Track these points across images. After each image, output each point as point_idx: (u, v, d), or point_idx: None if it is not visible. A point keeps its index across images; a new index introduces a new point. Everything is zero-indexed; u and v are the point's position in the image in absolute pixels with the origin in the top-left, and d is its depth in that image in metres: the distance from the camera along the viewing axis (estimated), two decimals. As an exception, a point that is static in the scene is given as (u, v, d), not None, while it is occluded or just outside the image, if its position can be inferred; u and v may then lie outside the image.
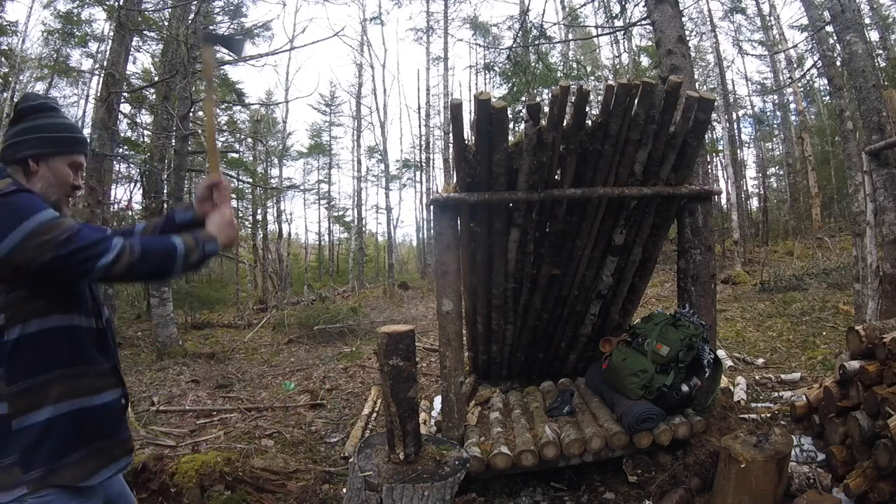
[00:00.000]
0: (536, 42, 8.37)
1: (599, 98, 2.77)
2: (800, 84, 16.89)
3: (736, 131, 17.50)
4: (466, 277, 3.34)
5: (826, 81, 10.27)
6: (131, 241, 1.23)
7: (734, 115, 17.23)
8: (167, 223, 1.61)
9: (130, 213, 11.18)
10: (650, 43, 13.68)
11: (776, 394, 4.20)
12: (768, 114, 20.63)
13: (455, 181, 2.95)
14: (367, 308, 10.97)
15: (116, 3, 7.02)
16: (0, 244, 1.12)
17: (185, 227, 1.58)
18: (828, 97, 15.15)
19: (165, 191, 8.45)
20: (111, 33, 8.88)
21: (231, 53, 1.64)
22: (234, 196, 17.09)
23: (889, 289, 4.22)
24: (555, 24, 14.82)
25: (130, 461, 1.42)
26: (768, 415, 3.61)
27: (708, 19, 16.19)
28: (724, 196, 15.84)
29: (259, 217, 18.71)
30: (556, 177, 2.87)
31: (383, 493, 1.85)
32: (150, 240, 1.31)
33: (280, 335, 9.02)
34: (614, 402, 3.03)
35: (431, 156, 22.09)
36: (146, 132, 10.98)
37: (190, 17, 7.91)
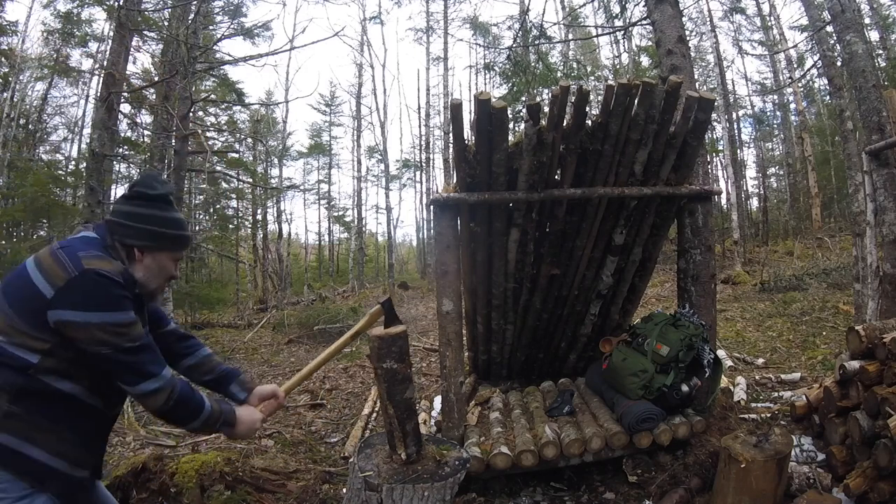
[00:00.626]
0: (536, 42, 8.37)
1: (599, 98, 2.77)
2: (800, 84, 16.89)
3: (736, 131, 17.51)
4: (466, 277, 3.34)
5: (826, 81, 10.27)
6: (175, 386, 1.33)
7: (734, 115, 17.24)
8: (220, 380, 1.71)
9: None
10: (650, 43, 13.69)
11: (776, 394, 4.20)
12: (768, 114, 20.65)
13: (455, 181, 2.95)
14: (367, 308, 10.95)
15: (116, 3, 7.01)
16: (72, 311, 1.21)
17: (231, 400, 1.70)
18: (828, 97, 15.15)
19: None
20: (111, 33, 8.89)
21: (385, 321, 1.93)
22: (234, 196, 17.13)
23: (889, 289, 4.21)
24: (555, 24, 14.83)
25: None
26: (768, 415, 3.61)
27: (708, 19, 16.20)
28: (724, 196, 15.86)
29: (259, 217, 18.71)
30: (556, 177, 2.87)
31: (383, 494, 1.85)
32: (189, 393, 1.38)
33: (280, 335, 9.03)
34: (614, 402, 3.03)
35: (431, 156, 22.10)
36: (146, 132, 10.98)
37: (190, 17, 7.91)
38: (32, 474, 1.24)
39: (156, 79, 9.88)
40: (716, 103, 4.26)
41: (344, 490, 2.86)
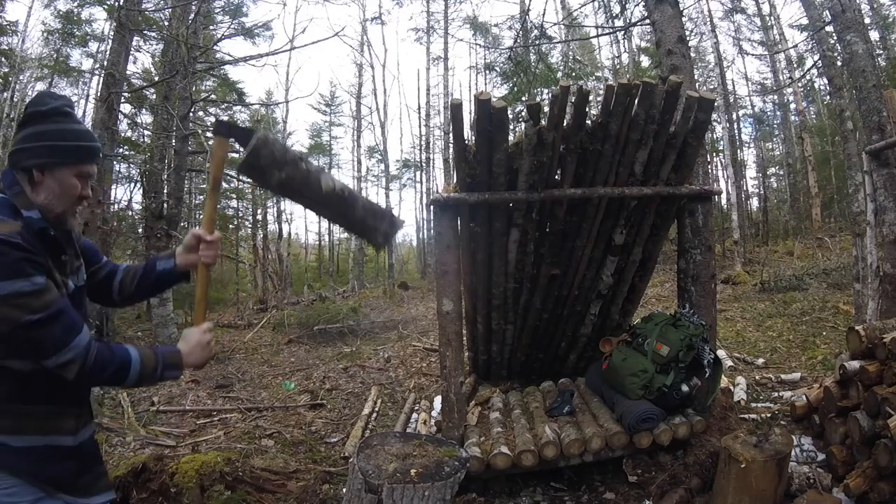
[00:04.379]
0: (537, 42, 8.37)
1: (599, 98, 2.77)
2: (800, 84, 16.89)
3: (736, 131, 17.49)
4: (466, 277, 3.34)
5: (826, 81, 10.28)
6: (90, 352, 1.21)
7: (734, 115, 17.21)
8: (147, 271, 1.59)
9: (130, 213, 11.17)
10: (650, 43, 13.69)
11: (776, 394, 4.20)
12: (768, 114, 20.64)
13: (455, 181, 2.95)
14: (367, 308, 10.96)
15: (116, 3, 7.02)
16: None
17: (165, 277, 1.58)
18: (828, 97, 15.15)
19: (165, 191, 8.45)
20: (111, 33, 8.90)
21: (240, 147, 1.48)
22: (234, 196, 17.11)
23: (889, 289, 4.21)
24: (555, 24, 14.83)
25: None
26: (768, 415, 3.61)
27: (708, 19, 16.21)
28: (724, 196, 15.82)
29: (259, 217, 18.73)
30: (557, 177, 2.87)
31: (384, 494, 1.85)
32: (107, 355, 1.25)
33: (280, 335, 9.02)
34: (614, 402, 3.03)
35: (431, 156, 22.10)
36: (146, 132, 10.98)
37: (190, 17, 7.91)
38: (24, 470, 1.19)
39: (156, 79, 9.89)
40: (716, 103, 4.27)
41: (344, 490, 2.86)
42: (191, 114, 8.17)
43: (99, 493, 1.35)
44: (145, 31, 9.11)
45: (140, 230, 9.73)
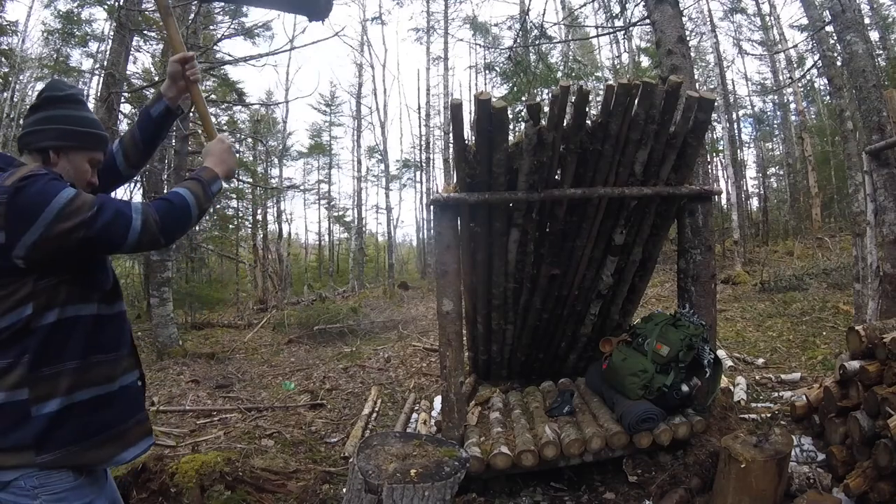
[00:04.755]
0: (537, 42, 8.37)
1: (599, 98, 2.77)
2: (800, 84, 16.88)
3: (736, 131, 17.48)
4: (466, 277, 3.34)
5: (826, 81, 10.28)
6: (151, 209, 1.26)
7: (734, 115, 17.21)
8: (144, 124, 1.63)
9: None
10: (650, 43, 13.70)
11: (776, 394, 4.20)
12: (768, 114, 20.62)
13: (455, 181, 2.95)
14: (367, 308, 10.96)
15: (116, 3, 7.02)
16: (30, 229, 1.12)
17: (164, 117, 1.64)
18: (828, 97, 15.15)
19: (165, 191, 8.47)
20: (111, 33, 8.90)
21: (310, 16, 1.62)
22: (234, 196, 17.12)
23: (889, 289, 4.21)
24: (555, 24, 14.83)
25: (151, 443, 1.43)
26: (768, 415, 3.61)
27: (708, 19, 16.18)
28: (724, 196, 15.82)
29: (259, 217, 18.72)
30: (557, 177, 2.87)
31: (383, 494, 1.85)
32: (167, 206, 1.30)
33: (280, 335, 9.02)
34: (614, 402, 3.03)
35: (431, 156, 22.09)
36: (146, 132, 10.95)
37: (190, 17, 7.91)
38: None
39: (156, 79, 9.88)
40: (716, 103, 4.26)
41: (344, 490, 2.86)
42: (191, 114, 8.16)
43: (142, 439, 1.40)
44: (145, 31, 9.10)
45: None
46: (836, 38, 5.45)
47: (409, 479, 1.90)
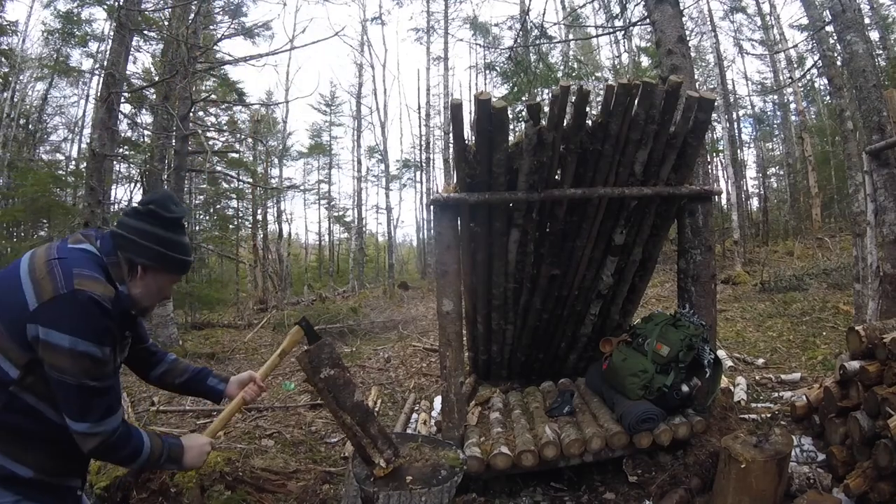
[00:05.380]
0: (537, 42, 8.37)
1: (599, 98, 2.77)
2: (800, 84, 16.87)
3: (736, 131, 17.48)
4: (466, 277, 3.34)
5: (826, 81, 10.27)
6: (114, 434, 1.27)
7: (734, 115, 17.21)
8: (198, 379, 1.71)
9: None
10: (650, 43, 13.69)
11: (776, 394, 4.20)
12: (768, 114, 20.63)
13: (455, 181, 2.95)
14: (366, 308, 10.97)
15: (116, 3, 7.01)
16: (52, 331, 1.16)
17: (209, 393, 1.72)
18: (828, 97, 15.15)
19: (165, 188, 8.46)
20: (111, 33, 8.88)
21: (308, 341, 1.86)
22: (234, 196, 17.13)
23: (889, 289, 4.21)
24: (555, 24, 14.83)
25: None
26: (768, 415, 3.61)
27: (708, 19, 16.19)
28: (724, 196, 15.82)
29: (259, 217, 18.70)
30: (557, 177, 2.87)
31: (379, 501, 1.83)
32: (125, 439, 1.31)
33: (280, 335, 9.01)
34: (614, 402, 3.03)
35: (431, 156, 22.09)
36: (146, 132, 10.98)
37: (190, 17, 7.91)
38: (17, 486, 1.22)
39: (156, 79, 9.88)
40: (716, 103, 4.26)
41: (344, 490, 2.86)
42: (191, 114, 8.17)
43: None
44: (145, 31, 9.10)
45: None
46: (836, 37, 5.45)
47: (404, 486, 1.88)
